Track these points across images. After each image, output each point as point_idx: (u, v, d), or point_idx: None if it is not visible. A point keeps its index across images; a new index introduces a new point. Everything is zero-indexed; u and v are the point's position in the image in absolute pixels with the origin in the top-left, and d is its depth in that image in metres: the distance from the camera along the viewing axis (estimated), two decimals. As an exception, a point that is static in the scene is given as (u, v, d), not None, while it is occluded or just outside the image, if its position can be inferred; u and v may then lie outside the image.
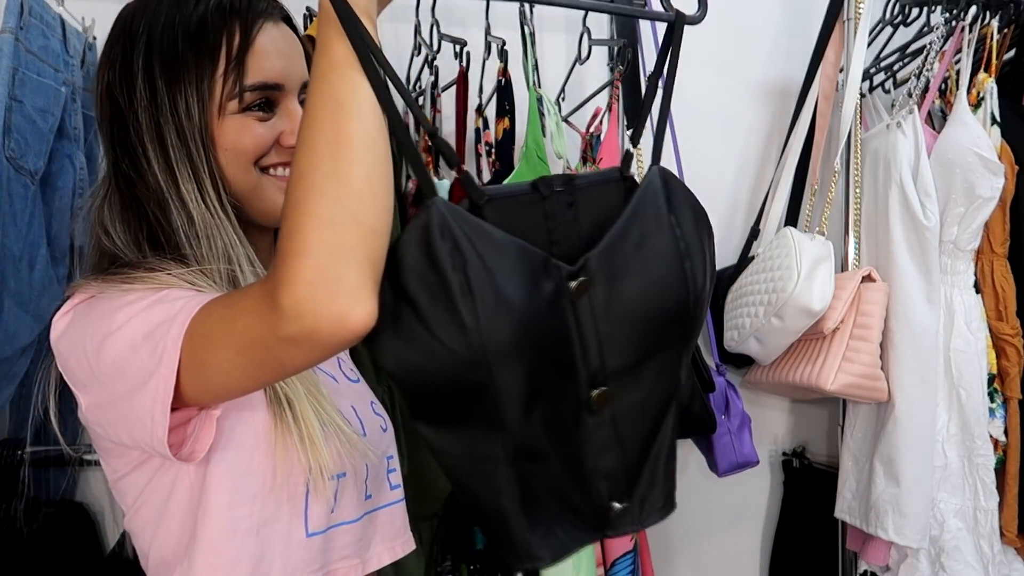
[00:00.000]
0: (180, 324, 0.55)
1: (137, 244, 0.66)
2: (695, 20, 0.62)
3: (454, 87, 1.23)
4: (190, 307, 0.55)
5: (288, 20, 0.73)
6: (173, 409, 0.55)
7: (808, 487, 1.56)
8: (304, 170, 0.49)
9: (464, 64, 1.22)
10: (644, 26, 1.43)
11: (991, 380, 1.25)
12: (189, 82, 0.66)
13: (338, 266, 0.47)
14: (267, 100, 0.68)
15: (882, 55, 1.49)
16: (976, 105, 1.24)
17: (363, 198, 0.48)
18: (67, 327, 0.62)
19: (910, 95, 1.30)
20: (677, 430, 0.61)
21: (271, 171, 0.69)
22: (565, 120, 1.32)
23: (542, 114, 1.20)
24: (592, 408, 0.55)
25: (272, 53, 0.68)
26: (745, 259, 1.48)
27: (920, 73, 1.30)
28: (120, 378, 0.57)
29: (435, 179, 1.15)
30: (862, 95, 1.40)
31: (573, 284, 0.54)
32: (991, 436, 1.24)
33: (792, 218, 1.52)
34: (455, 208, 0.50)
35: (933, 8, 1.35)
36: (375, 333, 0.50)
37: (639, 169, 1.33)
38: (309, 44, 1.09)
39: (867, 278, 1.28)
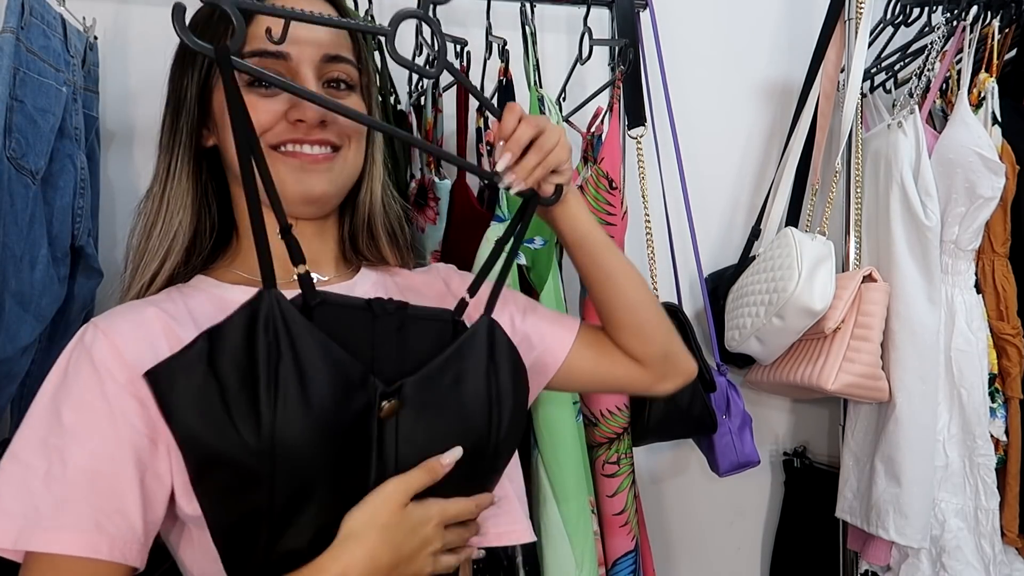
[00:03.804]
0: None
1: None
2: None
3: (455, 87, 1.23)
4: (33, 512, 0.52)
5: None
6: None
7: (809, 487, 1.56)
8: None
9: (465, 64, 1.22)
10: (645, 26, 1.43)
11: (992, 380, 1.25)
12: (192, 64, 0.65)
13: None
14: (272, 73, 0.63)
15: (883, 55, 1.49)
16: (977, 105, 1.24)
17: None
18: None
19: (911, 95, 1.30)
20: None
21: (282, 148, 0.64)
22: (566, 120, 1.31)
23: (543, 114, 1.20)
24: None
25: (280, 22, 0.62)
26: (746, 259, 1.48)
27: (921, 73, 1.30)
28: None
29: (436, 179, 1.15)
30: (863, 95, 1.40)
31: (385, 404, 0.57)
32: (992, 436, 1.24)
33: (793, 218, 1.52)
34: (287, 304, 0.54)
35: (934, 8, 1.35)
36: (171, 403, 0.52)
37: (640, 162, 1.33)
38: None
39: (868, 278, 1.28)
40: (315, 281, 0.69)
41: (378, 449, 0.57)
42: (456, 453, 0.59)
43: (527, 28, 1.19)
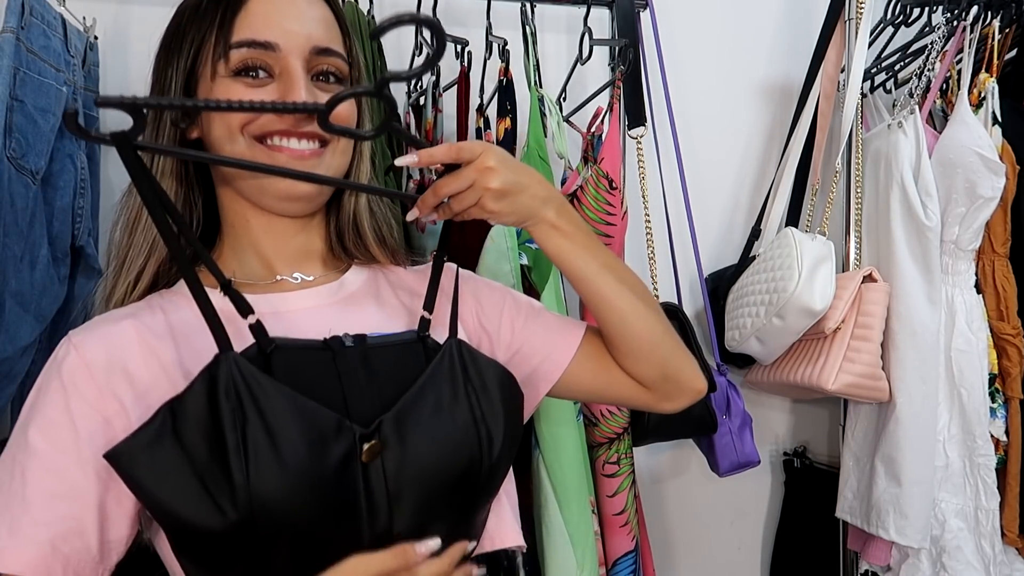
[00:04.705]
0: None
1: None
2: None
3: (455, 87, 1.23)
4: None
5: None
6: None
7: (809, 487, 1.56)
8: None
9: (465, 64, 1.22)
10: (645, 26, 1.43)
11: (992, 380, 1.25)
12: (177, 53, 0.63)
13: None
14: (261, 66, 0.61)
15: (883, 55, 1.49)
16: (977, 105, 1.24)
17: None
18: None
19: (911, 95, 1.30)
20: None
21: (267, 142, 0.62)
22: (566, 120, 1.31)
23: (543, 114, 1.20)
24: None
25: (269, 13, 0.61)
26: (746, 259, 1.48)
27: (921, 73, 1.30)
28: None
29: (436, 179, 1.15)
30: (863, 95, 1.40)
31: (366, 446, 0.54)
32: (992, 436, 1.24)
33: (793, 218, 1.52)
34: (246, 365, 0.52)
35: (934, 8, 1.35)
36: (138, 480, 0.51)
37: (640, 162, 1.33)
38: None
39: (868, 278, 1.28)
40: (299, 281, 0.68)
41: (366, 493, 0.54)
42: (433, 544, 0.56)
43: (527, 28, 1.19)
